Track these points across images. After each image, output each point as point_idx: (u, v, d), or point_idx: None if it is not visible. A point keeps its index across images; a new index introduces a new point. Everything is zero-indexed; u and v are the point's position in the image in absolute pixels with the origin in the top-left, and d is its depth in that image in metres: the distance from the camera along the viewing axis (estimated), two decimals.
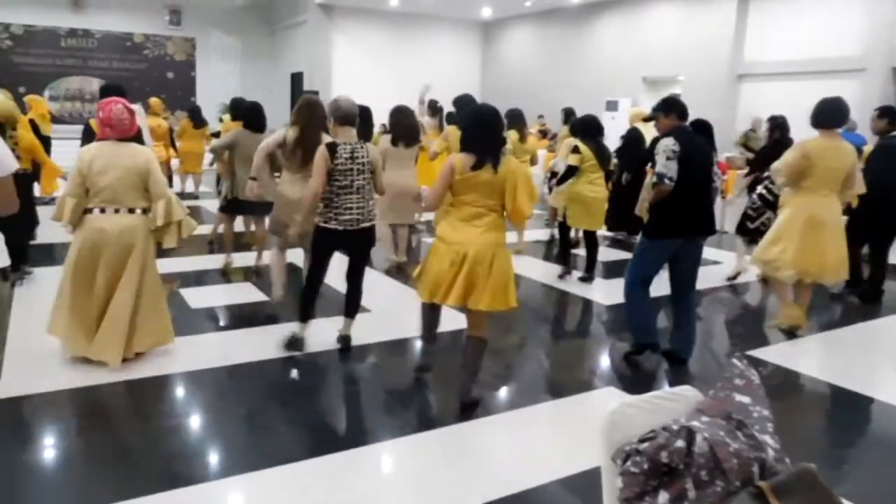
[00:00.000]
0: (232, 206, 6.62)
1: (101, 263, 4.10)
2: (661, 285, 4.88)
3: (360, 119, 7.73)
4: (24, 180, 6.12)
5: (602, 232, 8.88)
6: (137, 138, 4.29)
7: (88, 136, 5.67)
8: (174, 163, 11.39)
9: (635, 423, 2.21)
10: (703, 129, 7.20)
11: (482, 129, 3.75)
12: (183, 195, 11.32)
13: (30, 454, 3.36)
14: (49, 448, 3.45)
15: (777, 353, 5.03)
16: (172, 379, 4.24)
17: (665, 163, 4.37)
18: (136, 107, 7.60)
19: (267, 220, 6.81)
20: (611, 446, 2.22)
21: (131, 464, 3.29)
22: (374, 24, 20.61)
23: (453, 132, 6.69)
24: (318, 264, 4.61)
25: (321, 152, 4.33)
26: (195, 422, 3.80)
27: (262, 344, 4.85)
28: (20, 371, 4.10)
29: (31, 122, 7.87)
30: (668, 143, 4.41)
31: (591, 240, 6.81)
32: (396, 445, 3.56)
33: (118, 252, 4.10)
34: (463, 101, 6.70)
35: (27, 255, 6.31)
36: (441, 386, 4.41)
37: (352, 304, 4.77)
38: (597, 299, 6.25)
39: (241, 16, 23.39)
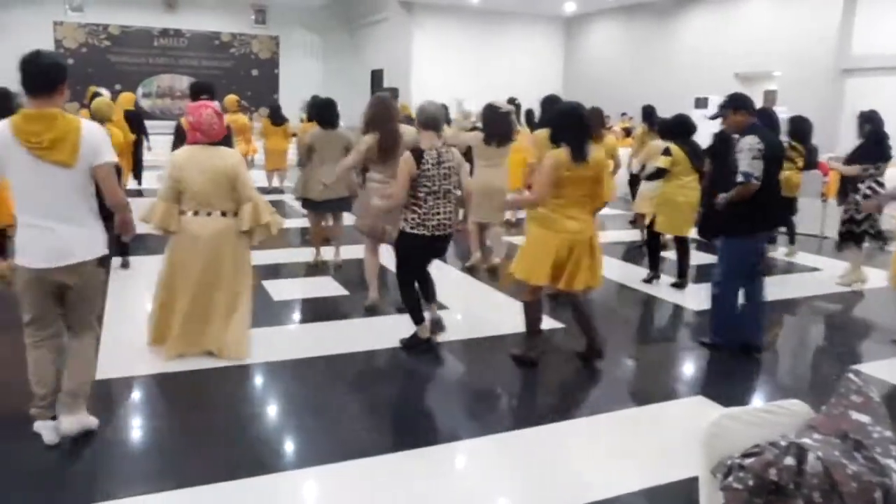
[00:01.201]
0: (305, 205, 6.73)
1: (196, 266, 4.16)
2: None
3: None
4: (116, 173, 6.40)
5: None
6: (226, 140, 4.34)
7: (180, 135, 5.74)
8: (256, 158, 11.71)
9: (737, 436, 2.10)
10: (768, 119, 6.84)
11: (572, 122, 4.11)
12: (269, 191, 11.61)
13: (117, 433, 3.49)
14: (135, 429, 3.58)
15: (891, 368, 4.66)
16: (253, 369, 4.31)
17: (751, 162, 4.33)
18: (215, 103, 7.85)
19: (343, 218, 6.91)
20: (711, 459, 2.12)
21: (210, 449, 3.36)
22: (454, 21, 20.60)
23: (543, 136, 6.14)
24: (413, 270, 4.59)
25: (406, 160, 4.31)
26: (273, 412, 3.85)
27: (341, 338, 4.90)
28: (112, 354, 4.30)
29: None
30: (753, 143, 4.36)
31: (683, 245, 6.51)
32: (474, 445, 3.50)
33: (212, 255, 4.17)
34: (548, 101, 6.44)
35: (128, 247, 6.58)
36: (521, 387, 4.33)
37: (428, 291, 4.78)
38: (684, 304, 6.03)
39: (323, 13, 23.86)
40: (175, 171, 4.10)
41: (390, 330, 4.98)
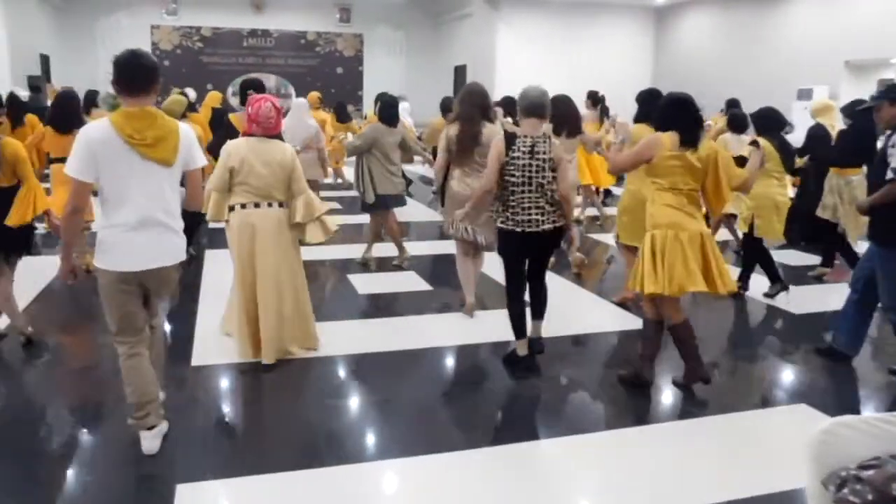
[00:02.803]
0: (375, 205, 6.51)
1: (259, 258, 4.10)
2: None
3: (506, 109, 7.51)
4: None
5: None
6: (278, 136, 4.27)
7: (227, 130, 5.55)
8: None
9: (852, 446, 1.96)
10: None
11: (679, 109, 3.76)
12: (340, 186, 11.72)
13: (206, 418, 3.60)
14: (222, 415, 3.70)
15: None
16: (337, 360, 4.37)
17: None
18: (302, 101, 7.93)
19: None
20: (821, 469, 1.98)
21: (295, 437, 3.42)
22: (540, 14, 20.31)
23: (640, 130, 5.32)
24: (511, 271, 4.31)
25: (497, 144, 4.07)
26: (356, 403, 3.87)
27: (425, 332, 4.90)
28: (204, 344, 4.49)
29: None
30: None
31: (761, 247, 5.93)
32: (559, 445, 3.42)
33: (273, 246, 4.11)
34: (649, 96, 6.08)
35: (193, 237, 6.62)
36: (610, 388, 4.19)
37: (538, 305, 4.40)
38: (784, 307, 5.72)
39: (407, 10, 24.04)
40: (234, 162, 4.01)
41: (474, 326, 4.95)
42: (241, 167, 4.01)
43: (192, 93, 7.68)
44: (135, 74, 2.95)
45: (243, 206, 4.07)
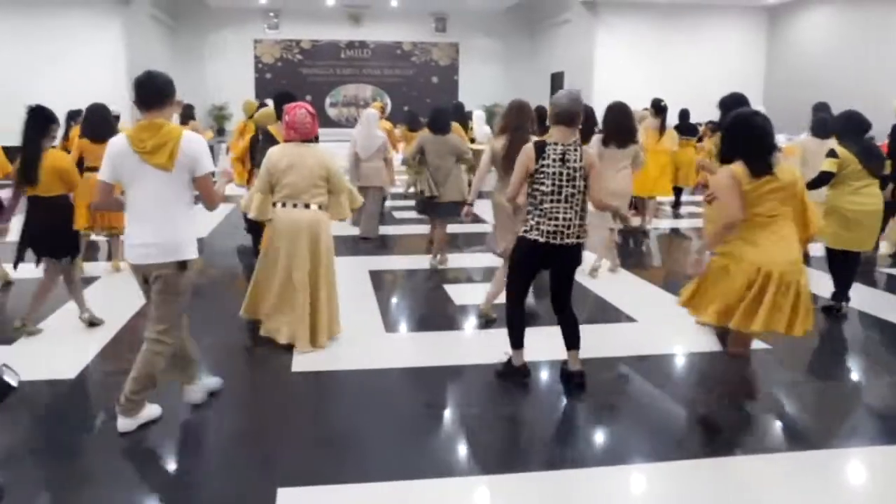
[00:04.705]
0: (423, 207, 6.79)
1: (286, 253, 4.46)
2: None
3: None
4: None
5: None
6: (314, 140, 4.59)
7: (268, 140, 5.63)
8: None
9: None
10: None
11: (745, 132, 3.45)
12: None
13: (309, 424, 3.59)
14: (325, 421, 3.67)
15: None
16: (434, 371, 4.32)
17: None
18: (372, 112, 8.18)
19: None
20: None
21: (396, 447, 3.37)
22: (641, 17, 19.65)
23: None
24: (518, 279, 4.09)
25: (526, 151, 3.87)
26: (453, 415, 3.76)
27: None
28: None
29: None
30: None
31: (848, 261, 5.46)
32: (651, 471, 3.17)
33: (300, 244, 4.43)
34: (732, 103, 5.69)
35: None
36: (712, 411, 3.82)
37: (571, 335, 4.09)
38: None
39: (502, 18, 23.95)
40: (271, 166, 4.45)
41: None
42: (275, 170, 4.44)
43: (270, 103, 7.88)
44: (147, 92, 3.32)
45: (283, 204, 4.49)
